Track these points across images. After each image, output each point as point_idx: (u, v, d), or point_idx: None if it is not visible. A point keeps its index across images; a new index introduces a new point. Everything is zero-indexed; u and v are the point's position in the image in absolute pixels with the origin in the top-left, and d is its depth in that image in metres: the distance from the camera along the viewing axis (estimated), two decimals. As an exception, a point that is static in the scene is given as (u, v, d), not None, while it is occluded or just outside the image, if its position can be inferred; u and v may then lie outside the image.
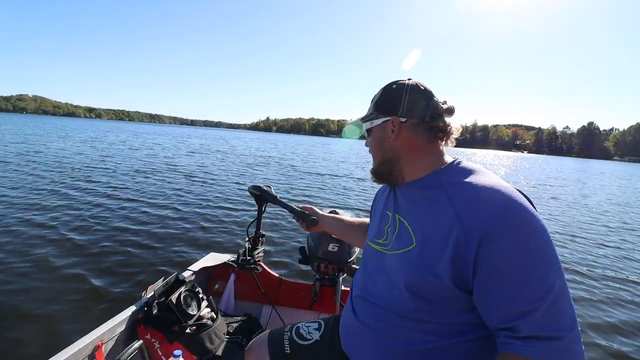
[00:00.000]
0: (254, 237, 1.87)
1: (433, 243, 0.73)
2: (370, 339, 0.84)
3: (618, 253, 5.02)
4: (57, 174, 7.79)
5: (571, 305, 0.64)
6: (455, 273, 0.70)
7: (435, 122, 0.82)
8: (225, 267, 1.88)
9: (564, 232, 5.99)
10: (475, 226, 0.67)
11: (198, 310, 1.40)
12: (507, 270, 0.64)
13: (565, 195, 11.93)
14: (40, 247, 3.50)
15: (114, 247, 3.61)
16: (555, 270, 0.64)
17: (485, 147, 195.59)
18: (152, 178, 8.19)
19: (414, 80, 0.86)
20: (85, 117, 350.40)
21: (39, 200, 5.31)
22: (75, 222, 4.36)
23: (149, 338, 1.25)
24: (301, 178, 10.44)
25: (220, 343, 1.38)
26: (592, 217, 7.82)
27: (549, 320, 0.62)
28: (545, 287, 0.62)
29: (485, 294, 0.68)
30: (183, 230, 4.36)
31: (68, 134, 23.96)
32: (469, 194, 0.72)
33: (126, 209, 5.19)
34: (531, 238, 0.64)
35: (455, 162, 0.83)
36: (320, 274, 1.79)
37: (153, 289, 1.35)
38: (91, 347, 1.10)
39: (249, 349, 1.11)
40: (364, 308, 0.88)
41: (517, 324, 0.64)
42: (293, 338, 1.05)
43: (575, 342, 0.62)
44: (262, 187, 1.56)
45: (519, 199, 0.68)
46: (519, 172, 21.95)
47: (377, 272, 0.88)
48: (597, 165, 58.12)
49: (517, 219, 0.65)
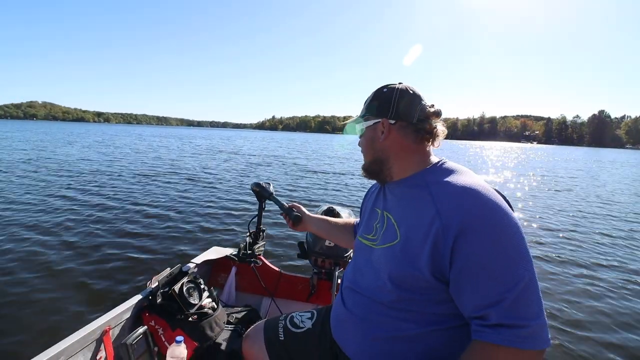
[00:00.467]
0: (255, 232, 1.95)
1: (415, 238, 0.78)
2: (356, 326, 0.90)
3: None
4: (65, 178, 8.05)
5: (538, 297, 0.69)
6: (434, 266, 0.75)
7: (422, 125, 0.88)
8: (227, 260, 1.97)
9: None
10: (452, 223, 0.72)
11: (199, 300, 1.48)
12: (480, 263, 0.69)
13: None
14: (53, 241, 3.77)
15: (122, 243, 3.83)
16: (525, 264, 0.69)
17: (494, 139, 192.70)
18: (157, 179, 8.40)
19: (404, 84, 0.91)
20: (94, 122, 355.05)
21: (50, 200, 5.57)
22: (87, 222, 4.59)
23: (153, 325, 1.33)
24: (304, 176, 10.50)
25: (220, 331, 1.46)
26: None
27: (516, 310, 0.67)
28: (514, 279, 0.67)
29: (459, 286, 0.73)
30: (188, 226, 4.56)
31: (75, 140, 24.43)
32: (449, 192, 0.77)
33: (133, 209, 5.39)
34: (503, 235, 0.70)
35: (440, 162, 0.88)
36: (317, 268, 1.86)
37: (157, 279, 1.44)
38: (99, 331, 1.19)
39: (246, 336, 1.18)
40: (352, 298, 0.94)
41: (487, 313, 0.69)
42: (287, 326, 1.12)
43: (540, 330, 0.67)
44: (261, 184, 1.63)
45: (494, 199, 0.74)
46: (528, 166, 21.53)
47: (365, 266, 0.93)
48: (611, 154, 56.77)
49: (490, 217, 0.71)
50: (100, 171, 9.35)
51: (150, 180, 8.24)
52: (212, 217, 5.11)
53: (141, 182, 7.81)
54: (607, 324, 2.67)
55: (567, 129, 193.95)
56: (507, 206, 0.74)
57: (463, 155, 30.20)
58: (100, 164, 10.91)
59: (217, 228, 4.60)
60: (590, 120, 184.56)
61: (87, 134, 35.42)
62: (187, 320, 1.39)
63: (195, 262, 1.82)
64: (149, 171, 9.80)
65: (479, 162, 21.26)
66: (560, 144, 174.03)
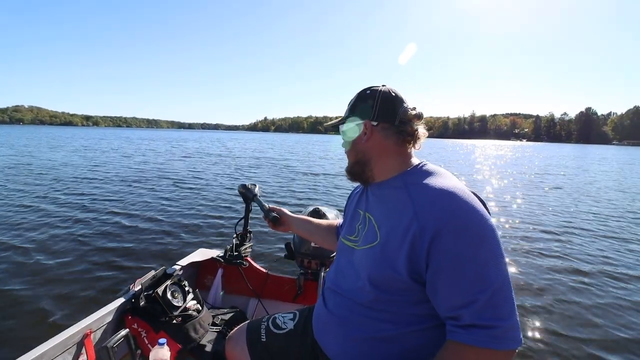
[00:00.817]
0: (242, 233, 1.95)
1: (393, 239, 0.79)
2: (336, 327, 0.91)
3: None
4: (47, 182, 7.92)
5: (511, 298, 0.70)
6: (411, 267, 0.76)
7: (404, 127, 0.89)
8: (213, 262, 1.96)
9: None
10: (429, 224, 0.73)
11: (184, 302, 1.48)
12: (454, 265, 0.71)
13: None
14: (35, 245, 3.74)
15: (106, 246, 3.80)
16: (498, 266, 0.70)
17: (484, 137, 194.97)
18: (142, 183, 8.26)
19: (387, 86, 0.92)
20: (82, 126, 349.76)
21: (31, 204, 5.47)
22: (70, 226, 4.54)
23: (136, 327, 1.33)
24: (294, 178, 10.39)
25: (204, 333, 1.46)
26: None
27: (488, 311, 0.68)
28: (486, 281, 0.69)
29: (435, 287, 0.75)
30: (175, 229, 4.54)
31: (60, 144, 23.85)
32: (427, 194, 0.78)
33: (118, 212, 5.34)
34: (477, 237, 0.71)
35: (420, 164, 0.89)
36: (304, 269, 1.87)
37: (140, 282, 1.43)
38: (80, 335, 1.18)
39: (229, 338, 1.19)
40: (334, 300, 0.95)
41: (461, 313, 0.71)
42: (269, 327, 1.13)
43: (511, 330, 0.69)
44: (247, 186, 1.64)
45: (471, 201, 0.75)
46: (520, 163, 21.83)
47: (347, 267, 0.95)
48: (597, 150, 57.78)
49: (465, 219, 0.72)
50: (83, 175, 9.21)
51: (135, 183, 8.10)
52: (199, 219, 5.08)
53: (125, 186, 7.70)
54: (587, 319, 2.71)
55: (555, 126, 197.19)
56: (483, 209, 0.76)
57: (456, 154, 30.36)
58: (84, 168, 10.73)
59: (204, 230, 4.57)
60: (577, 118, 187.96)
61: (73, 138, 34.81)
62: (171, 323, 1.38)
63: (181, 265, 1.81)
64: (134, 174, 9.63)
65: (473, 161, 21.38)
66: (549, 141, 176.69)
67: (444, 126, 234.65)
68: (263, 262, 3.20)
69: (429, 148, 39.01)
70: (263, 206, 1.40)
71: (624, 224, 5.85)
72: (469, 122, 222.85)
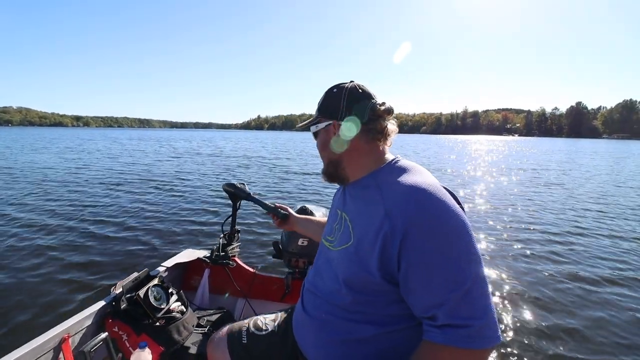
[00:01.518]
0: (229, 233, 1.93)
1: (366, 240, 0.78)
2: (314, 328, 0.90)
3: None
4: (27, 184, 7.79)
5: (486, 295, 0.69)
6: (384, 268, 0.75)
7: (373, 124, 0.86)
8: (200, 262, 1.94)
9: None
10: (399, 223, 0.71)
11: (167, 304, 1.46)
12: (425, 264, 0.69)
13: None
14: (13, 246, 3.68)
15: (88, 248, 3.73)
16: (471, 264, 0.69)
17: (477, 132, 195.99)
18: (127, 183, 8.12)
19: (354, 83, 0.90)
20: (73, 126, 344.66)
21: (10, 205, 5.36)
22: (51, 226, 4.47)
23: (117, 331, 1.30)
24: (284, 177, 10.24)
25: (188, 335, 1.44)
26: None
27: (461, 310, 0.67)
28: (458, 280, 0.67)
29: (408, 288, 0.73)
30: (160, 230, 4.47)
31: (45, 146, 23.27)
32: (397, 192, 0.77)
33: (102, 213, 5.26)
34: (448, 234, 0.69)
35: (393, 161, 0.88)
36: (292, 268, 1.86)
37: (122, 284, 1.41)
38: (57, 339, 1.15)
39: (210, 340, 1.17)
40: (312, 301, 0.94)
41: (435, 313, 0.69)
42: (250, 329, 1.11)
43: (486, 329, 0.67)
44: (236, 185, 1.62)
45: (442, 198, 0.73)
46: (513, 158, 21.97)
47: (324, 268, 0.94)
48: (588, 144, 58.32)
49: (435, 217, 0.70)
50: (64, 177, 9.03)
51: (119, 185, 7.89)
52: (186, 220, 4.99)
53: (109, 188, 7.51)
54: (570, 312, 2.74)
55: (546, 121, 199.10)
56: (455, 205, 0.74)
57: (450, 150, 30.47)
58: (65, 170, 10.50)
59: (191, 231, 4.49)
60: (568, 112, 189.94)
61: (60, 139, 34.12)
62: (153, 325, 1.36)
63: (166, 266, 1.79)
64: (118, 176, 9.40)
65: (471, 157, 21.47)
66: (540, 136, 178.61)
67: (437, 122, 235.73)
68: (251, 262, 3.18)
69: (423, 144, 39.04)
70: (266, 204, 1.40)
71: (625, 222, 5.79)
72: (462, 117, 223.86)
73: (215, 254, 1.87)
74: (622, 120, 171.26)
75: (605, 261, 3.78)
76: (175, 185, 8.05)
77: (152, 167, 11.98)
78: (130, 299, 1.38)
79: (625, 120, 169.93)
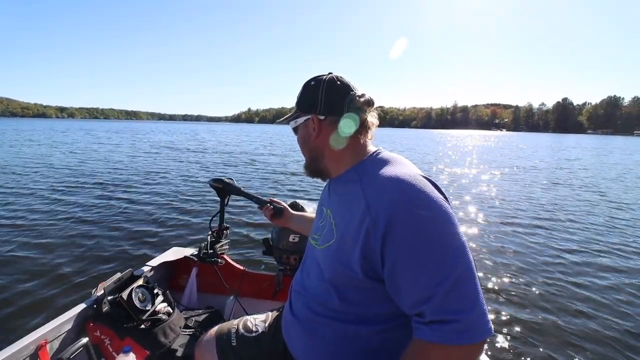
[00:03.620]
0: (218, 230, 1.88)
1: (348, 236, 0.75)
2: (301, 329, 0.88)
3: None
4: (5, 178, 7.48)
5: (474, 287, 0.65)
6: (366, 264, 0.72)
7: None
8: (187, 261, 1.88)
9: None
10: (380, 217, 0.68)
11: (152, 306, 1.40)
12: (409, 258, 0.66)
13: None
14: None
15: (68, 248, 3.54)
16: (456, 255, 0.65)
17: (466, 127, 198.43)
18: (106, 180, 7.65)
19: (332, 75, 0.86)
20: (57, 118, 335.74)
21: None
22: (27, 225, 4.25)
23: (99, 335, 1.24)
24: (273, 173, 10.03)
25: (175, 337, 1.39)
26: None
27: (448, 304, 0.64)
28: (443, 273, 0.64)
29: (393, 284, 0.70)
30: (145, 228, 4.29)
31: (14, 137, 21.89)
32: (378, 185, 0.74)
33: (79, 211, 4.97)
34: (431, 226, 0.66)
35: (374, 153, 0.85)
36: (283, 265, 1.82)
37: (104, 286, 1.34)
38: (33, 346, 1.09)
39: (198, 343, 1.12)
40: (300, 301, 0.91)
41: (423, 309, 0.66)
42: (240, 331, 1.07)
43: (476, 322, 0.63)
44: (224, 180, 1.57)
45: (424, 188, 0.70)
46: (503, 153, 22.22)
47: (311, 267, 0.91)
48: (573, 139, 59.53)
49: (418, 209, 0.67)
50: (41, 171, 8.69)
51: (100, 181, 7.46)
52: (171, 217, 4.80)
53: (89, 183, 7.13)
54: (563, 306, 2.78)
55: (533, 116, 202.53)
56: (438, 195, 0.71)
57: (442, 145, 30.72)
58: (40, 164, 10.06)
59: (177, 229, 4.31)
60: (554, 108, 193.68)
61: (32, 131, 32.61)
62: (138, 328, 1.31)
63: (151, 265, 1.72)
64: (97, 171, 8.94)
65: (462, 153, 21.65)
66: (527, 131, 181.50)
67: (427, 117, 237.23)
68: (241, 260, 3.12)
69: (416, 139, 39.22)
70: (259, 198, 1.38)
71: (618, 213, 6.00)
72: (452, 112, 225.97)
73: (203, 252, 1.82)
74: (606, 116, 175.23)
75: (599, 250, 3.86)
76: (159, 181, 7.73)
77: (133, 162, 11.38)
78: (112, 301, 1.32)
79: (610, 116, 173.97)
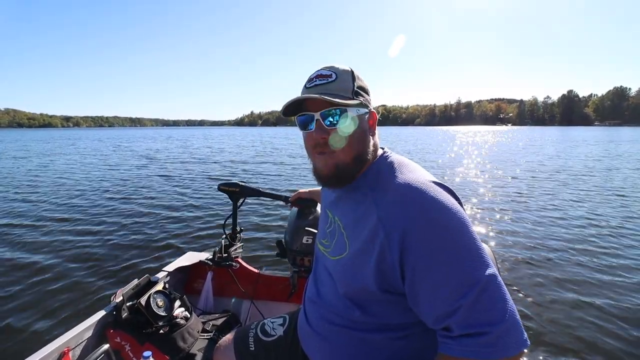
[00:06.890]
0: (231, 233, 1.88)
1: (361, 250, 0.71)
2: (320, 340, 0.85)
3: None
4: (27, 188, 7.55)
5: (502, 296, 0.61)
6: (382, 280, 0.68)
7: (374, 112, 0.80)
8: (202, 265, 1.88)
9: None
10: (394, 229, 0.65)
11: (170, 311, 1.41)
12: (428, 272, 0.63)
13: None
14: (6, 256, 3.52)
15: (86, 256, 3.59)
16: (478, 264, 0.61)
17: (471, 123, 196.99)
18: (119, 189, 7.67)
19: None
20: (62, 127, 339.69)
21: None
22: (46, 233, 4.33)
23: (119, 341, 1.25)
24: (277, 175, 10.06)
25: (194, 341, 1.39)
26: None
27: (475, 317, 0.60)
28: (466, 284, 0.60)
29: (415, 298, 0.67)
30: (160, 234, 4.32)
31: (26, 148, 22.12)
32: (389, 195, 0.70)
33: (97, 220, 4.99)
34: (450, 236, 0.63)
35: (383, 155, 0.80)
36: (297, 266, 1.81)
37: (122, 292, 1.35)
38: (57, 353, 1.10)
39: (217, 348, 1.11)
40: (315, 312, 0.88)
41: (449, 324, 0.62)
42: (258, 335, 1.05)
43: (506, 335, 0.59)
44: (239, 183, 1.57)
45: (439, 197, 0.66)
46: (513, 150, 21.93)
47: (323, 275, 0.87)
48: (581, 132, 58.49)
49: (435, 219, 0.64)
50: (55, 179, 8.86)
51: (110, 189, 7.49)
52: (185, 222, 4.79)
53: (102, 191, 7.17)
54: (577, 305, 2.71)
55: (539, 110, 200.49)
56: (454, 203, 0.67)
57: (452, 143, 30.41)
58: (55, 174, 10.21)
59: (191, 233, 4.33)
60: (560, 100, 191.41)
61: (48, 140, 33.19)
62: (157, 333, 1.31)
63: (167, 271, 1.73)
64: (110, 179, 9.01)
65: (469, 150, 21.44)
66: (533, 125, 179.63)
67: (430, 114, 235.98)
68: (256, 262, 3.12)
69: (423, 136, 38.91)
70: (281, 196, 1.50)
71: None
72: (456, 108, 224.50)
73: (218, 256, 1.82)
74: (613, 107, 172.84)
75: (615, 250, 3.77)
76: (172, 188, 7.76)
77: (141, 170, 11.36)
78: (131, 307, 1.33)
79: (616, 107, 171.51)
